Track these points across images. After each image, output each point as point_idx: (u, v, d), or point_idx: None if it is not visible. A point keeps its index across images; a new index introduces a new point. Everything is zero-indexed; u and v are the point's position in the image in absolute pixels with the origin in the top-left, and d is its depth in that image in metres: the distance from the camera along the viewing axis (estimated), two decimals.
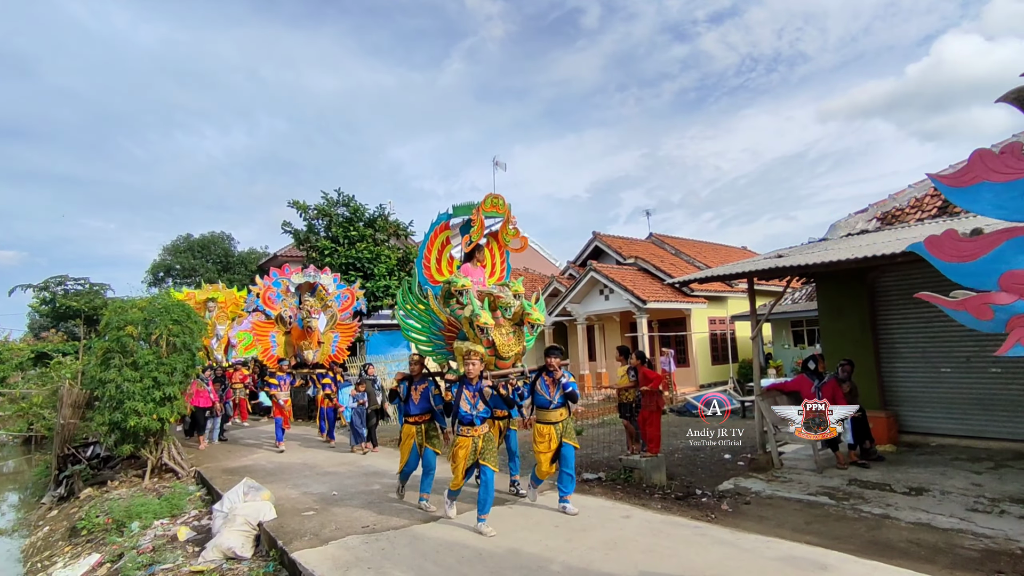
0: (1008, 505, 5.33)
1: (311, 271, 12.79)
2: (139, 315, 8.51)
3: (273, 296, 12.23)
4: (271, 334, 11.91)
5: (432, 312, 6.66)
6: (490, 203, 6.85)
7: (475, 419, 5.35)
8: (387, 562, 4.56)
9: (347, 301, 13.07)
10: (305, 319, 11.48)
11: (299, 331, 11.73)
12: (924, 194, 9.47)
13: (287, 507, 6.33)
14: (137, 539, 6.09)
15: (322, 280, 12.75)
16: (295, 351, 11.89)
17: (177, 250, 38.20)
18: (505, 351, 6.06)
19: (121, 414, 7.90)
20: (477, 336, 5.99)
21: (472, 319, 5.93)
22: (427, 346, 6.75)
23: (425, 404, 6.08)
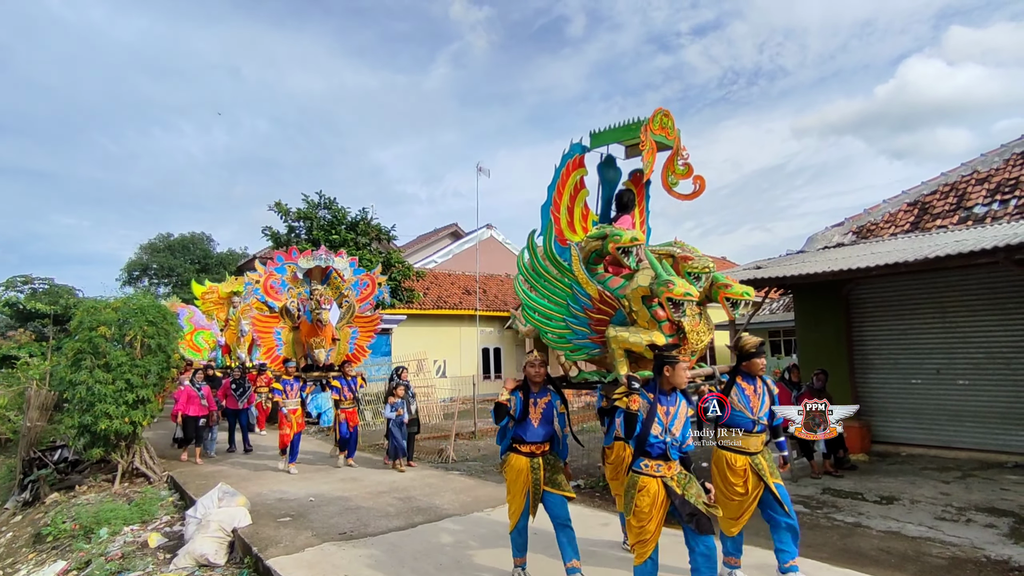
0: (974, 514, 5.47)
1: (322, 253, 10.38)
2: (113, 315, 8.32)
3: (277, 284, 9.98)
4: (275, 330, 9.76)
5: (576, 283, 4.31)
6: (659, 122, 4.69)
7: (670, 449, 3.50)
8: (365, 569, 4.52)
9: (366, 289, 10.74)
10: (315, 311, 9.30)
11: (309, 326, 9.54)
12: (898, 209, 9.73)
13: (263, 512, 6.23)
14: (105, 546, 5.93)
15: (336, 264, 10.31)
16: (304, 350, 9.80)
17: (155, 249, 37.55)
18: (695, 341, 4.07)
19: (91, 417, 7.70)
20: (653, 318, 3.95)
21: (657, 289, 3.84)
22: (560, 336, 4.41)
23: (548, 427, 4.25)
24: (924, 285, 8.19)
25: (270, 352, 9.67)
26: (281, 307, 9.94)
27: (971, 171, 9.37)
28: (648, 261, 4.08)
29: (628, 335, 4.00)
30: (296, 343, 9.87)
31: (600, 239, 4.40)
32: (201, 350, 13.74)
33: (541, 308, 4.43)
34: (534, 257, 4.50)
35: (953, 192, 9.25)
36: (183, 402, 9.73)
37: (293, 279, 10.14)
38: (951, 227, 8.40)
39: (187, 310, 14.39)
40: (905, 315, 8.48)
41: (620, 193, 5.07)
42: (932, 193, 9.54)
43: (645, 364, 3.94)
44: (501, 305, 23.01)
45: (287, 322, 9.89)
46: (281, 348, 9.74)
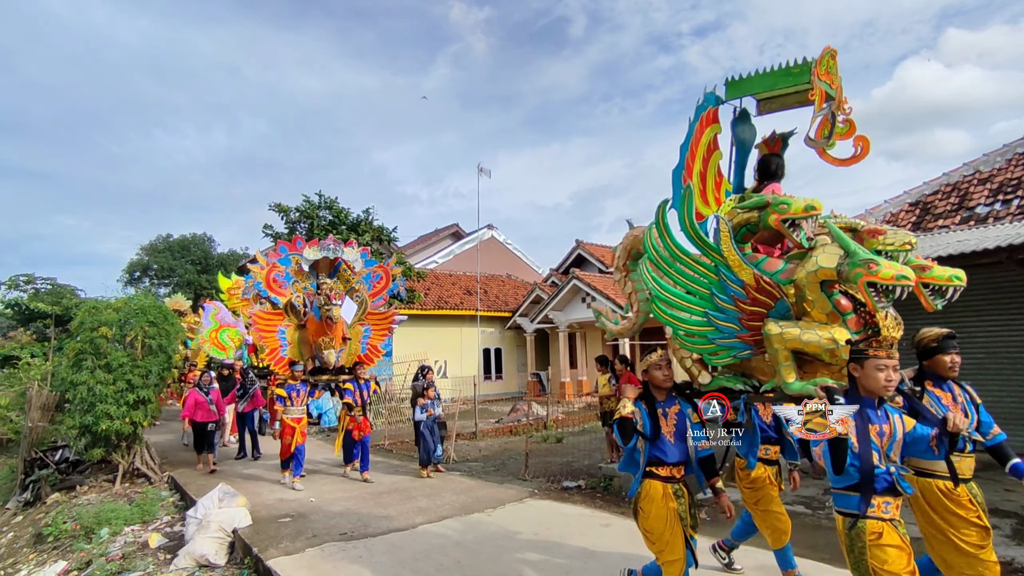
0: None
1: (330, 243, 9.22)
2: (114, 316, 8.33)
3: (280, 277, 8.84)
4: (279, 329, 8.63)
5: (724, 267, 3.37)
6: (826, 66, 3.62)
7: (899, 481, 2.68)
8: (365, 570, 4.51)
9: (379, 283, 9.63)
10: (324, 308, 8.26)
11: (317, 324, 8.50)
12: (899, 209, 9.69)
13: (263, 513, 6.23)
14: (106, 546, 5.93)
15: (346, 255, 9.23)
16: (312, 351, 8.78)
17: (155, 250, 37.58)
18: (887, 338, 3.14)
19: (92, 417, 7.71)
20: (836, 310, 3.12)
21: (852, 272, 2.94)
22: (699, 335, 3.53)
23: (684, 444, 3.47)
24: None
25: (274, 354, 8.49)
26: (286, 303, 8.80)
27: (973, 171, 9.34)
28: (834, 236, 3.16)
29: (798, 332, 3.12)
30: (302, 343, 8.80)
31: (758, 209, 3.50)
32: (226, 348, 12.98)
33: (675, 300, 3.53)
34: (665, 235, 3.54)
35: (955, 192, 9.21)
36: (190, 407, 9.10)
37: (298, 272, 9.00)
38: (953, 227, 8.37)
39: (212, 306, 13.58)
40: (907, 316, 8.42)
41: (765, 158, 4.10)
42: (934, 193, 9.50)
43: (812, 369, 3.23)
44: (502, 305, 23.00)
45: (292, 320, 8.77)
46: (286, 349, 8.59)
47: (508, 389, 22.33)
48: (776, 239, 3.61)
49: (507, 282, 26.16)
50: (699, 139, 3.83)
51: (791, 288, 3.28)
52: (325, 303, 8.29)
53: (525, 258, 29.80)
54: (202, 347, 13.06)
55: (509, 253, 29.08)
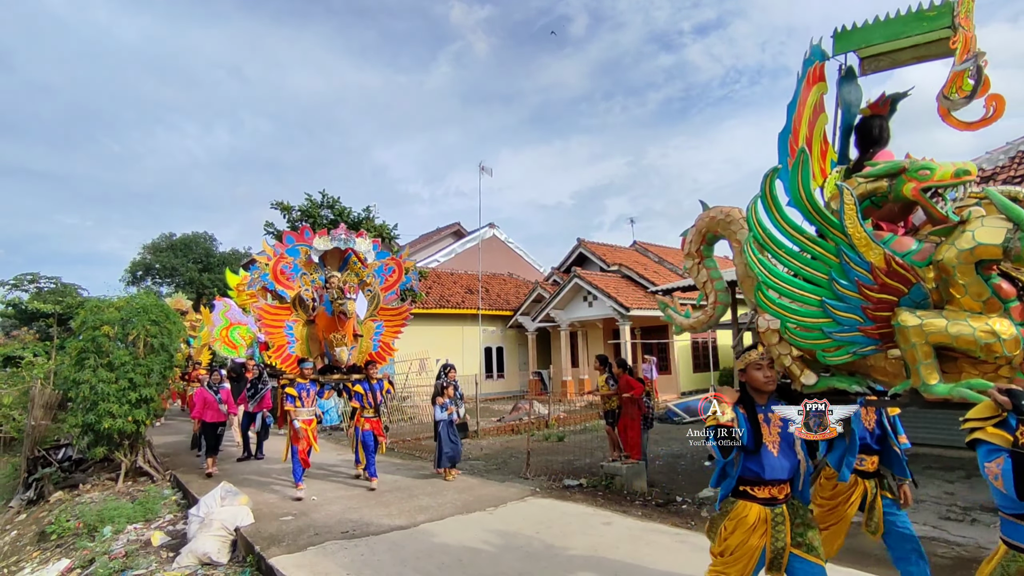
0: (979, 514, 5.44)
1: (342, 233, 8.53)
2: (116, 315, 8.35)
3: (288, 269, 8.17)
4: (287, 324, 8.00)
5: (847, 247, 2.80)
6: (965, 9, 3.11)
7: None
8: (366, 568, 4.52)
9: (392, 276, 8.94)
10: (337, 302, 7.63)
11: (328, 319, 7.87)
12: None
13: (265, 512, 6.24)
14: (109, 544, 5.94)
15: (357, 246, 8.57)
16: (321, 348, 8.16)
17: (157, 249, 37.65)
18: None
19: (95, 416, 7.73)
20: (995, 295, 2.56)
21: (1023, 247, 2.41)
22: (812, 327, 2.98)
23: (792, 457, 2.95)
24: None
25: (280, 351, 7.87)
26: (294, 297, 8.12)
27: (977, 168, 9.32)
28: (999, 206, 2.55)
29: (944, 323, 2.60)
30: (311, 340, 8.16)
31: (888, 177, 3.00)
32: (237, 347, 12.48)
33: (785, 286, 2.99)
34: (774, 210, 2.98)
35: None
36: (199, 407, 8.88)
37: (307, 264, 8.37)
38: None
39: (223, 303, 13.07)
40: None
41: (867, 121, 3.54)
42: None
43: (954, 369, 2.78)
44: (504, 304, 23.00)
45: (300, 315, 8.15)
46: (294, 346, 7.98)
47: (510, 388, 22.35)
48: (902, 215, 3.04)
49: (509, 281, 26.15)
50: (805, 99, 3.33)
51: (930, 271, 2.71)
52: (338, 297, 7.63)
53: (527, 257, 29.81)
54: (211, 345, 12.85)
55: (511, 252, 29.08)
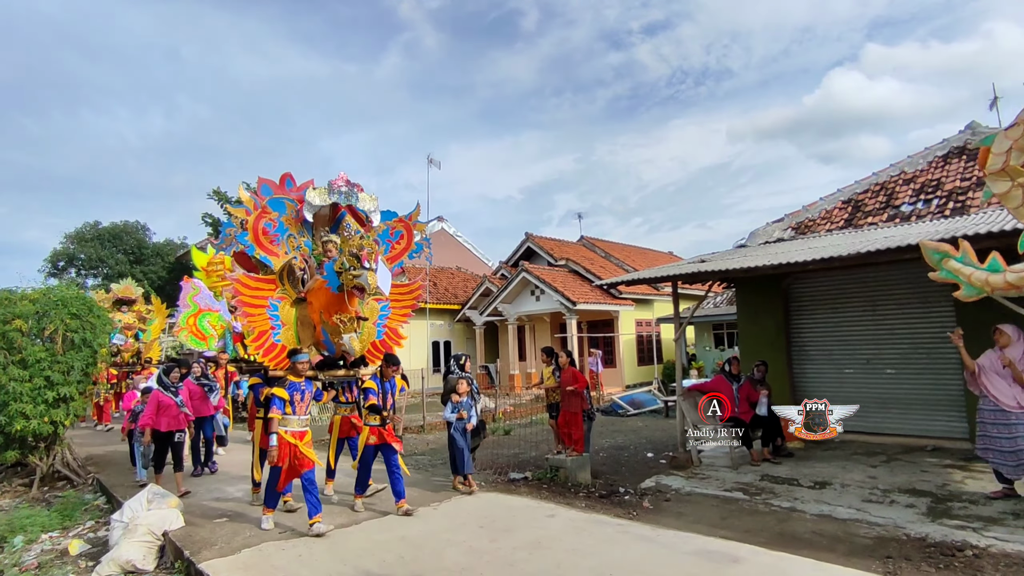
0: (897, 495, 5.79)
1: (342, 183, 6.24)
2: (30, 308, 7.73)
3: (272, 228, 6.00)
4: (270, 303, 5.91)
5: None
6: None
7: None
8: (304, 569, 4.37)
9: (399, 243, 6.79)
10: (351, 273, 5.52)
11: (329, 297, 5.80)
12: (833, 207, 10.17)
13: (197, 514, 5.94)
14: (20, 555, 5.52)
15: (361, 202, 6.39)
16: (315, 335, 6.08)
17: (82, 238, 35.26)
18: None
19: (5, 417, 7.15)
20: None
21: None
22: None
23: None
24: (856, 279, 8.60)
25: (263, 339, 5.75)
26: (282, 266, 5.99)
27: (899, 172, 9.90)
28: None
29: None
30: (302, 325, 6.08)
31: None
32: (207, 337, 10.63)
33: None
34: None
35: (883, 191, 9.74)
36: (152, 411, 6.99)
37: (295, 222, 6.22)
38: (881, 224, 8.85)
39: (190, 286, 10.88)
40: (838, 308, 8.90)
41: None
42: (864, 192, 10.02)
43: None
44: (451, 298, 22.84)
45: (288, 291, 6.06)
46: (279, 332, 5.88)
47: None
48: None
49: (457, 275, 26.00)
50: None
51: None
52: (352, 267, 5.52)
53: (475, 251, 29.70)
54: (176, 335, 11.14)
55: (459, 245, 28.93)
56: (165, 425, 7.06)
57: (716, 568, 4.07)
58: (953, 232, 5.50)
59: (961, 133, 9.74)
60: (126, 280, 15.22)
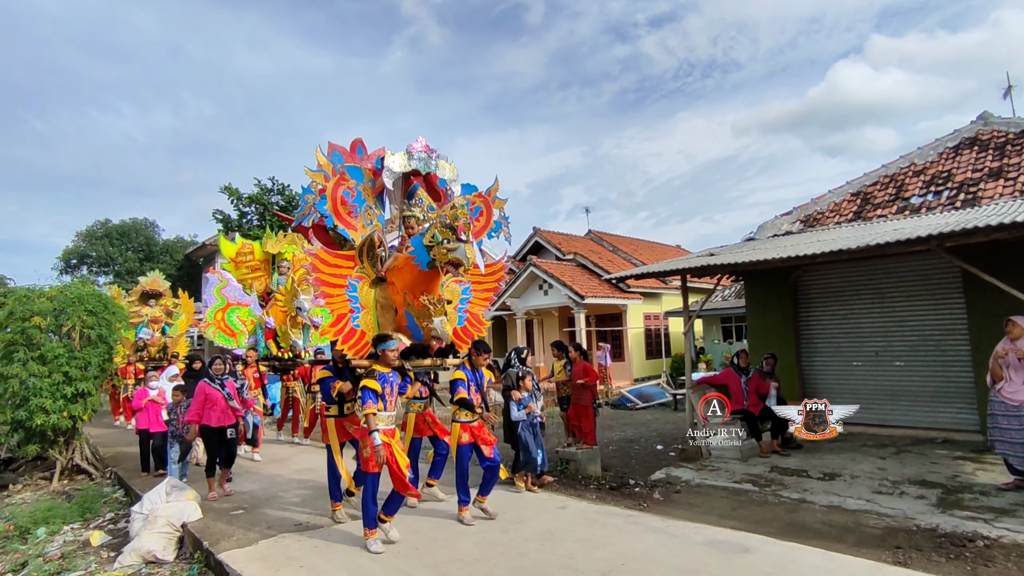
0: (907, 487, 5.81)
1: (421, 148, 5.67)
2: (48, 305, 7.88)
3: (350, 198, 5.32)
4: (350, 283, 5.21)
5: None
6: None
7: None
8: (320, 560, 4.46)
9: (479, 219, 5.83)
10: (443, 247, 4.86)
11: (415, 275, 5.14)
12: (842, 199, 10.13)
13: (214, 506, 6.06)
14: (43, 546, 5.65)
15: (442, 171, 5.82)
16: (399, 321, 5.41)
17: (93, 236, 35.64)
18: None
19: (26, 412, 7.31)
20: None
21: None
22: None
23: None
24: (865, 272, 8.59)
25: (342, 323, 5.04)
26: (364, 241, 5.34)
27: (909, 163, 9.84)
28: None
29: None
30: (383, 308, 5.40)
31: None
32: (236, 334, 10.07)
33: None
34: None
35: (892, 183, 9.70)
36: (199, 405, 6.48)
37: (371, 192, 5.59)
38: (890, 216, 8.82)
39: (217, 277, 10.14)
40: (847, 300, 8.89)
41: None
42: (874, 184, 9.98)
43: None
44: None
45: (368, 270, 5.38)
46: (358, 316, 5.17)
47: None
48: None
49: None
50: None
51: None
52: (445, 239, 4.82)
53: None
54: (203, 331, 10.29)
55: None
56: (216, 420, 6.55)
57: (726, 558, 4.12)
58: (964, 224, 5.49)
59: (973, 124, 9.67)
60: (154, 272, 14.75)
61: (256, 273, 10.05)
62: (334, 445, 5.54)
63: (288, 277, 9.34)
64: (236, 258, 10.16)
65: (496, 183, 6.12)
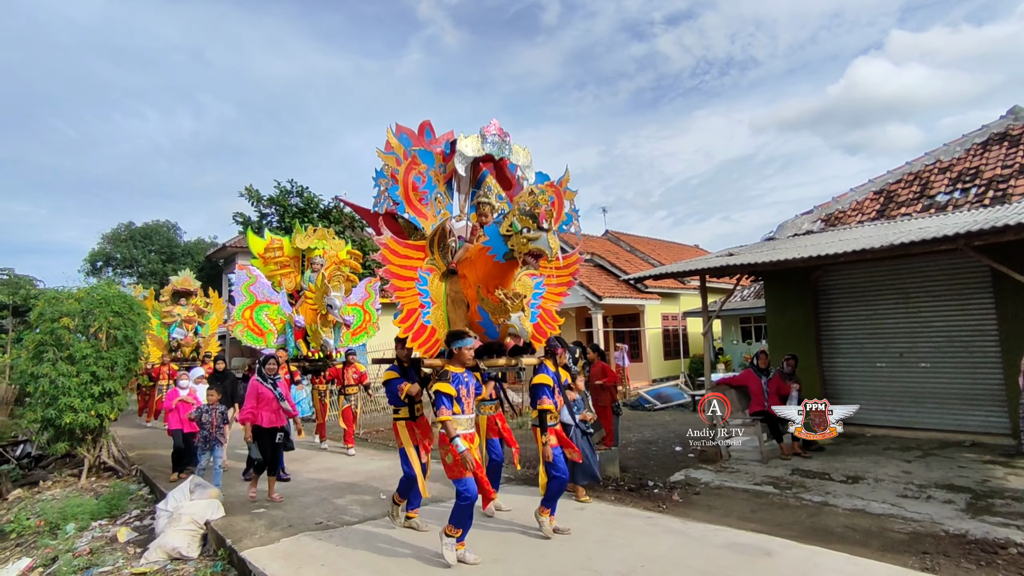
0: (934, 491, 5.69)
1: (495, 130, 5.22)
2: (76, 306, 8.08)
3: (421, 184, 5.03)
4: (420, 276, 4.85)
5: None
6: None
7: None
8: (341, 559, 4.50)
9: (551, 208, 5.17)
10: (522, 236, 4.42)
11: (491, 268, 4.77)
12: (864, 198, 9.96)
13: (236, 504, 6.15)
14: (72, 541, 5.79)
15: (515, 156, 5.45)
16: (471, 317, 5.02)
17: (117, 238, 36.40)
18: None
19: (55, 410, 7.50)
20: None
21: None
22: None
23: None
24: (888, 271, 8.43)
25: (412, 319, 4.66)
26: (436, 229, 4.99)
27: (934, 160, 9.64)
28: None
29: None
30: (454, 303, 5.04)
31: None
32: (265, 333, 9.51)
33: None
34: None
35: (917, 181, 9.50)
36: (253, 403, 6.28)
37: (441, 178, 5.27)
38: (915, 215, 8.64)
39: (246, 274, 9.61)
40: (870, 300, 8.73)
41: None
42: (897, 182, 9.79)
43: None
44: None
45: (438, 261, 5.00)
46: (429, 312, 4.81)
47: None
48: None
49: None
50: None
51: None
52: (525, 227, 4.38)
53: None
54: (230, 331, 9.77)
55: None
56: (267, 420, 6.31)
57: (747, 561, 4.08)
58: (994, 222, 5.36)
59: (1002, 119, 9.43)
60: (185, 271, 14.62)
61: (285, 269, 9.84)
62: (408, 448, 5.07)
63: (319, 274, 9.02)
64: (264, 254, 10.02)
65: (567, 173, 5.71)
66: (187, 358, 12.81)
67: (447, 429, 4.23)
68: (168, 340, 12.99)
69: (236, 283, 9.51)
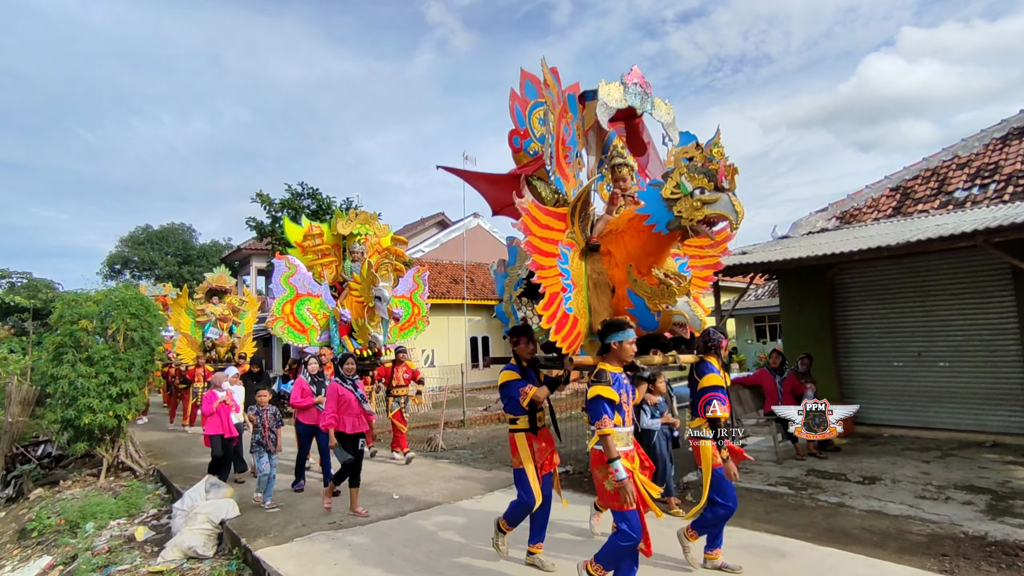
0: (953, 492, 5.59)
1: (636, 79, 4.49)
2: (94, 308, 8.21)
3: (568, 140, 4.31)
4: (561, 252, 3.82)
5: None
6: None
7: None
8: (354, 559, 4.52)
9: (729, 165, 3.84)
10: (695, 201, 3.50)
11: (647, 242, 3.85)
12: (880, 194, 9.83)
13: (251, 504, 6.21)
14: (92, 540, 5.88)
15: (658, 112, 4.70)
16: (613, 304, 4.14)
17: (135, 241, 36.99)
18: None
19: (74, 411, 7.61)
20: None
21: None
22: None
23: None
24: (905, 269, 8.30)
25: (554, 306, 3.71)
26: (580, 194, 4.12)
27: (952, 156, 9.48)
28: None
29: None
30: (596, 287, 4.14)
31: None
32: (307, 329, 8.57)
33: None
34: None
35: (934, 177, 9.35)
36: (333, 407, 5.76)
37: (581, 134, 4.64)
38: (932, 211, 8.51)
39: (284, 264, 8.72)
40: (887, 299, 8.60)
41: None
42: (914, 178, 9.64)
43: None
44: (488, 294, 22.97)
45: (577, 235, 4.14)
46: (571, 298, 3.86)
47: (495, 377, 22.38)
48: None
49: None
50: None
51: None
52: (701, 189, 3.53)
53: None
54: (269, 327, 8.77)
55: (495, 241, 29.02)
56: (350, 426, 5.78)
57: (762, 562, 4.04)
58: (1014, 218, 5.26)
59: (1022, 113, 9.25)
60: (220, 268, 13.96)
61: (326, 259, 8.93)
62: (528, 467, 4.16)
63: (363, 262, 8.28)
64: (303, 242, 9.04)
65: (718, 133, 3.78)
66: (222, 359, 12.42)
67: (607, 447, 3.33)
68: (203, 340, 12.65)
69: (275, 275, 8.75)
